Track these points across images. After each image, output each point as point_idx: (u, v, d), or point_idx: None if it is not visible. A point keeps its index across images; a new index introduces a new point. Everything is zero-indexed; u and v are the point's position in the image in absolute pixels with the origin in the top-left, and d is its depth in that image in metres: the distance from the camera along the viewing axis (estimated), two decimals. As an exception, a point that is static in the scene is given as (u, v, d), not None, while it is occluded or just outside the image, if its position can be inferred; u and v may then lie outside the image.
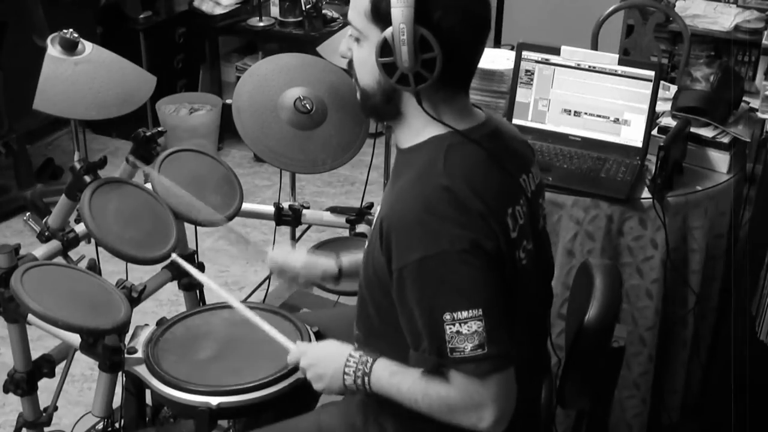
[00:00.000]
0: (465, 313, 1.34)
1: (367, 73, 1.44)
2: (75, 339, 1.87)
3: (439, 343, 1.36)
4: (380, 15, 1.37)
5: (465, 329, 1.34)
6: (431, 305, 1.36)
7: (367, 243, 1.55)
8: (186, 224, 2.17)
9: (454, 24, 1.35)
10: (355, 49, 1.46)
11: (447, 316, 1.34)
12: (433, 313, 1.36)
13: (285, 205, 2.40)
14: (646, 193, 2.24)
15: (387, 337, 1.52)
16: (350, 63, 1.49)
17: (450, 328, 1.35)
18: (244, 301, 1.80)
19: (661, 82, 2.51)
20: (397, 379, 1.47)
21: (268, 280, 2.76)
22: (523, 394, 1.44)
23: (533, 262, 1.51)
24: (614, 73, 2.33)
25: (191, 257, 2.36)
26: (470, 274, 1.35)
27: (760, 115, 2.69)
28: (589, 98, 2.37)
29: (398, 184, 1.43)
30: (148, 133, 2.13)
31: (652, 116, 2.33)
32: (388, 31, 1.35)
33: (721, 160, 2.37)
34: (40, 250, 2.04)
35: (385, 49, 1.36)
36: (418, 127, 1.46)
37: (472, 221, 1.36)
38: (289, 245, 2.65)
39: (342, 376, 1.51)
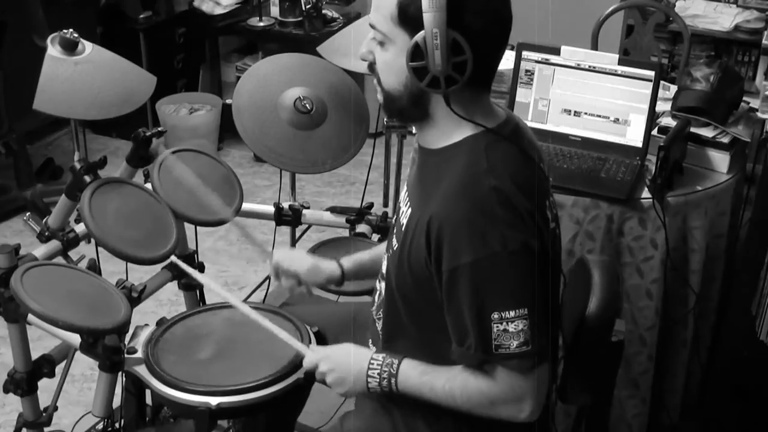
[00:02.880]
0: (512, 313, 1.37)
1: (393, 76, 1.44)
2: (75, 339, 1.87)
3: (485, 341, 1.39)
4: (408, 19, 1.36)
5: (511, 327, 1.37)
6: (481, 304, 1.38)
7: (396, 244, 1.54)
8: (186, 224, 2.17)
9: (482, 25, 1.36)
10: (379, 52, 1.44)
11: (495, 315, 1.37)
12: (482, 312, 1.38)
13: (285, 205, 2.40)
14: (646, 193, 2.24)
15: (414, 337, 1.53)
16: (371, 66, 1.48)
17: (497, 327, 1.37)
18: (244, 301, 1.79)
19: (661, 82, 2.51)
20: (428, 377, 1.48)
21: (268, 280, 2.75)
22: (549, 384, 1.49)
23: (560, 248, 1.57)
24: (614, 73, 2.33)
25: (191, 257, 2.36)
26: (519, 274, 1.37)
27: (760, 115, 2.69)
28: (589, 98, 2.37)
29: (442, 185, 1.42)
30: (148, 133, 2.13)
31: (652, 116, 2.33)
32: (420, 35, 1.34)
33: (721, 160, 2.37)
34: (40, 250, 2.04)
35: (416, 53, 1.36)
36: (448, 128, 1.46)
37: (521, 221, 1.38)
38: (289, 247, 2.65)
39: (365, 378, 1.52)
